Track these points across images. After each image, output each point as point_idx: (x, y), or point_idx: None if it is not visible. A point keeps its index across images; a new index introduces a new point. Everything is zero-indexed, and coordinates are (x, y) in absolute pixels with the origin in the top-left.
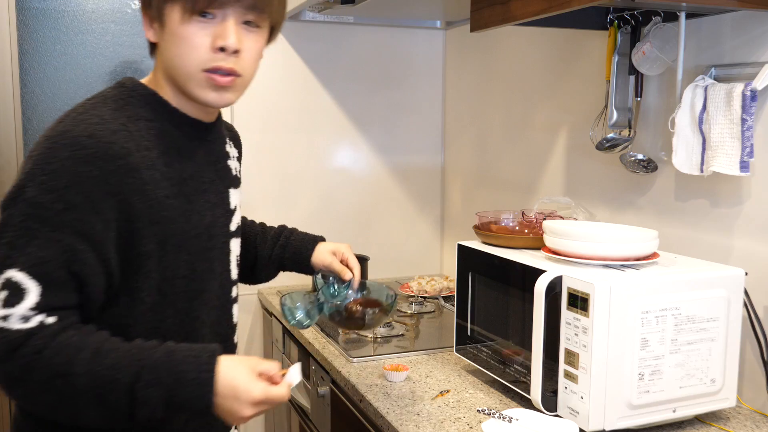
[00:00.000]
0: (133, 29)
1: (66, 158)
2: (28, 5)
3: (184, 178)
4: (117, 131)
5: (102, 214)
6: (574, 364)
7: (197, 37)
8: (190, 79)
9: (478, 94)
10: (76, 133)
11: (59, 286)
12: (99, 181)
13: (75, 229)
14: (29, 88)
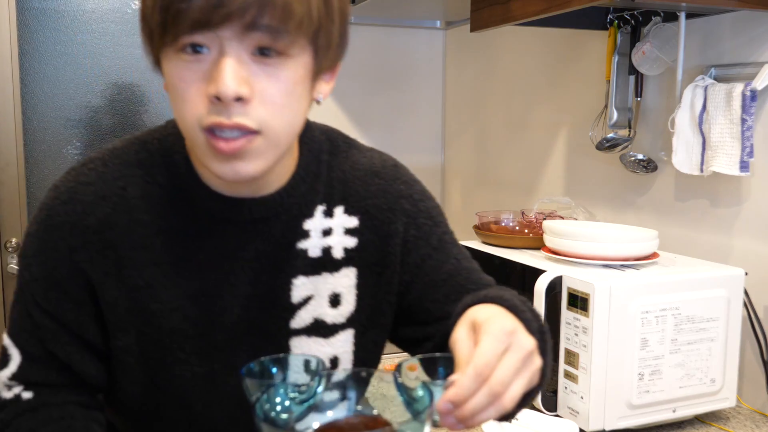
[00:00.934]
0: (133, 29)
1: (40, 222)
2: (28, 5)
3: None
4: (106, 197)
5: (69, 293)
6: (574, 364)
7: (186, 84)
8: (196, 142)
9: (478, 94)
10: (59, 193)
11: (38, 360)
12: (64, 256)
13: (38, 305)
14: (29, 88)
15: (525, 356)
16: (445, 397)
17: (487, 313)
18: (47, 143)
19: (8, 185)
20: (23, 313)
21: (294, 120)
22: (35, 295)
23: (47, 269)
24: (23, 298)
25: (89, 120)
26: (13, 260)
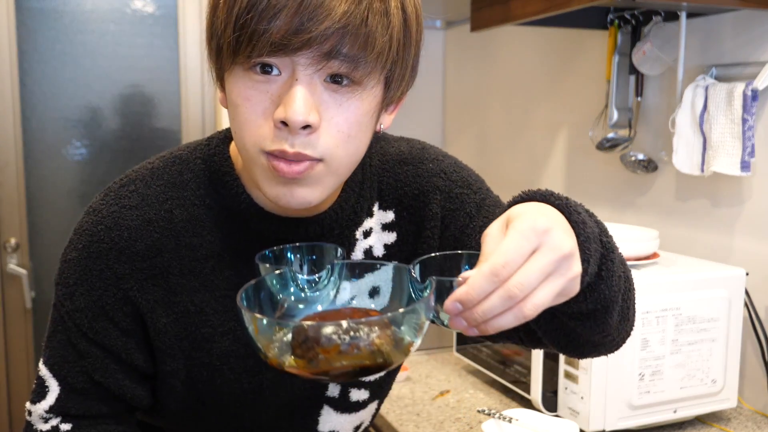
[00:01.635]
0: (133, 29)
1: (81, 249)
2: (27, 5)
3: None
4: (152, 221)
5: (116, 321)
6: (575, 364)
7: (251, 103)
8: (253, 164)
9: (478, 94)
10: (101, 217)
11: (80, 392)
12: (111, 285)
13: (86, 335)
14: (29, 88)
15: (558, 259)
16: (454, 295)
17: (527, 207)
18: (46, 143)
19: (7, 185)
20: (65, 343)
21: (358, 150)
22: (81, 326)
23: (93, 298)
24: (64, 327)
25: (88, 120)
26: (12, 260)
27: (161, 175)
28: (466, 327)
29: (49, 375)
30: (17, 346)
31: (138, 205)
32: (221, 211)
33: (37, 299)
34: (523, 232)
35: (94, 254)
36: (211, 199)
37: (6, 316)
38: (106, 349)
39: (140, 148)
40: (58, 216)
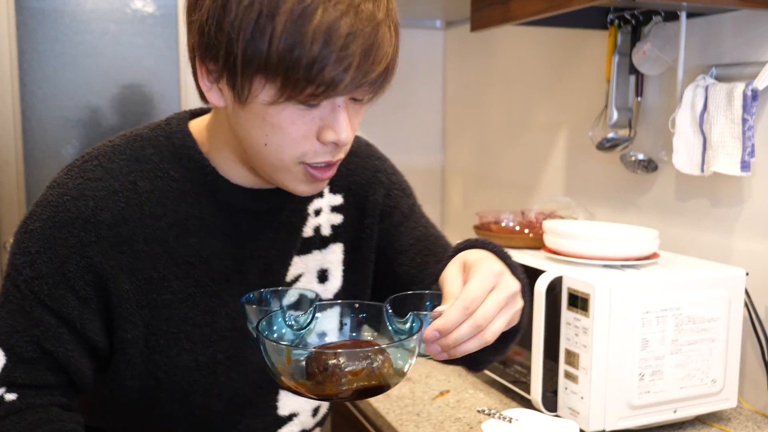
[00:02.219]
0: (133, 29)
1: (45, 219)
2: (27, 5)
3: (200, 258)
4: (117, 192)
5: (76, 289)
6: (575, 364)
7: (297, 127)
8: (280, 169)
9: (478, 94)
10: (65, 190)
11: (27, 360)
12: (74, 252)
13: (42, 302)
14: (29, 88)
15: (509, 296)
16: (433, 325)
17: (478, 255)
18: (46, 143)
19: (7, 185)
20: (15, 313)
21: None
22: (39, 293)
23: (55, 265)
24: (19, 296)
25: (88, 120)
26: None
27: (123, 151)
28: (438, 351)
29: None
30: None
31: (102, 177)
32: (185, 183)
33: None
34: (485, 275)
35: (59, 223)
36: (175, 172)
37: None
38: (61, 318)
39: None
40: None
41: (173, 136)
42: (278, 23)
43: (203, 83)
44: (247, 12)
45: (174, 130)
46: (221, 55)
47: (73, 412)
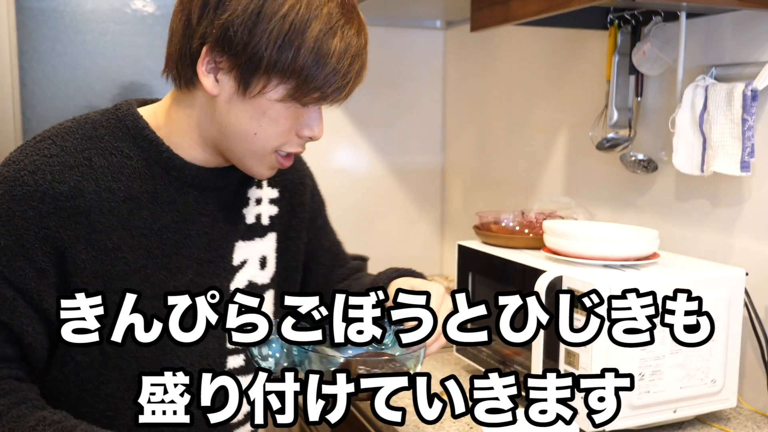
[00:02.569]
0: (133, 29)
1: (2, 193)
2: (27, 5)
3: (152, 230)
4: (73, 167)
5: (34, 260)
6: (575, 364)
7: (287, 122)
8: (250, 155)
9: (478, 94)
10: (22, 165)
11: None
12: (33, 224)
13: (1, 274)
14: (29, 88)
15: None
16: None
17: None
18: None
19: None
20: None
21: None
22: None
23: (13, 237)
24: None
25: None
26: None
27: (76, 131)
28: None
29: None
30: None
31: (58, 153)
32: (139, 160)
33: None
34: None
35: (17, 197)
36: (129, 150)
37: None
38: (18, 290)
39: None
40: None
41: (125, 118)
42: (307, 38)
43: (201, 69)
44: (282, 24)
45: (125, 113)
46: (243, 53)
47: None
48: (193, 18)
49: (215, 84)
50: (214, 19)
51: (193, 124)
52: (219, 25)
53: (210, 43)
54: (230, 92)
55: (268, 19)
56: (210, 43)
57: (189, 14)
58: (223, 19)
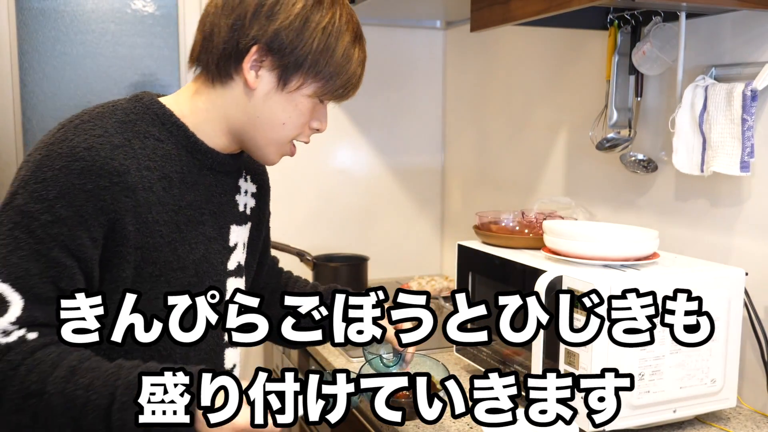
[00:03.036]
0: (133, 29)
1: (60, 168)
2: (28, 5)
3: (180, 206)
4: (118, 146)
5: (91, 230)
6: (575, 364)
7: (308, 115)
8: (272, 143)
9: (478, 94)
10: (74, 143)
11: (44, 301)
12: (91, 196)
13: (62, 243)
14: (29, 88)
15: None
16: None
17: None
18: None
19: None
20: (29, 258)
21: None
22: (58, 236)
23: (74, 208)
24: (34, 241)
25: None
26: None
27: (111, 116)
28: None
29: (9, 290)
30: None
31: (103, 134)
32: (168, 144)
33: None
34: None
35: (75, 171)
36: (160, 134)
37: None
38: (77, 258)
39: None
40: None
41: (152, 106)
42: (339, 47)
43: (246, 65)
44: (322, 33)
45: (150, 102)
46: (289, 55)
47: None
48: (246, 21)
49: (256, 79)
50: (267, 24)
51: (221, 113)
52: (272, 30)
53: (261, 44)
54: (269, 87)
55: (312, 28)
56: (261, 44)
57: (239, 17)
58: (276, 25)
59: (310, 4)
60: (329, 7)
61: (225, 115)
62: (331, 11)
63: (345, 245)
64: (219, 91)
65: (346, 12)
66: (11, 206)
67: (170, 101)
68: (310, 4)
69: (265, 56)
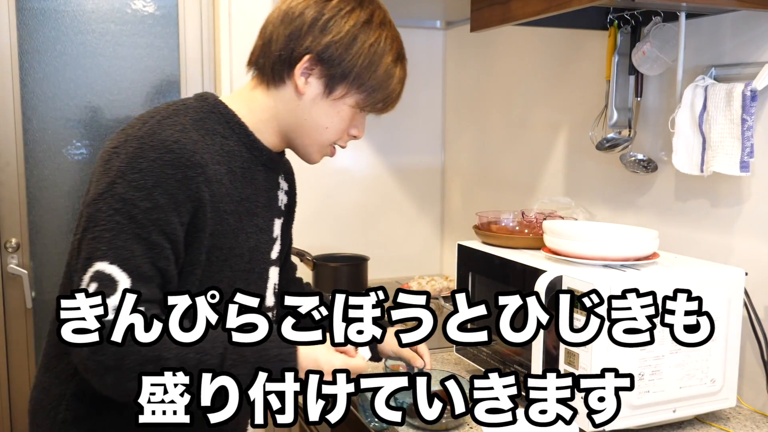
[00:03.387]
0: (133, 29)
1: (154, 159)
2: (28, 5)
3: (241, 198)
4: (197, 142)
5: (181, 216)
6: (574, 364)
7: (349, 120)
8: (315, 144)
9: (478, 94)
10: (164, 137)
11: (147, 279)
12: (182, 185)
13: (160, 228)
14: (29, 88)
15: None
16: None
17: None
18: (47, 143)
19: (8, 185)
20: (132, 240)
21: None
22: (157, 221)
23: (169, 195)
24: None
25: (89, 120)
26: (12, 260)
27: (185, 113)
28: None
29: (117, 270)
30: (18, 346)
31: (183, 130)
32: (231, 141)
33: (37, 299)
34: None
35: (168, 162)
36: (225, 132)
37: (6, 316)
38: (171, 241)
39: None
40: (58, 216)
41: (217, 107)
42: (383, 64)
43: (297, 72)
44: (368, 51)
45: (215, 102)
46: (337, 66)
47: None
48: (302, 32)
49: (305, 84)
50: (320, 37)
51: (273, 114)
52: (324, 43)
53: (313, 54)
54: (316, 93)
55: (360, 44)
56: (313, 54)
57: (296, 28)
58: (327, 39)
59: (360, 24)
60: (377, 28)
61: (276, 116)
62: (378, 32)
63: (345, 245)
64: (272, 94)
65: (391, 34)
66: (110, 194)
67: (230, 101)
68: (360, 24)
69: (315, 65)
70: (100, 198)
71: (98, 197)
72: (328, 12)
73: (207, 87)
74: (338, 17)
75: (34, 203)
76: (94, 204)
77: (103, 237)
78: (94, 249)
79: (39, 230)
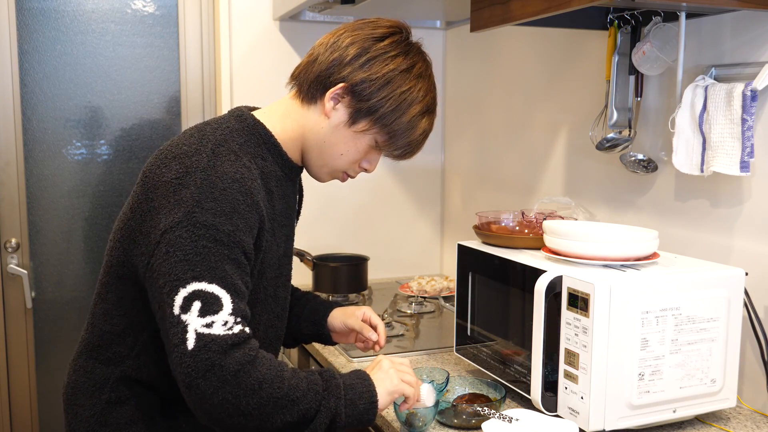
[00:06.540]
0: (133, 29)
1: (224, 189)
2: (28, 5)
3: (275, 215)
4: (249, 168)
5: (252, 237)
6: (574, 364)
7: (361, 153)
8: (327, 167)
9: (478, 94)
10: (225, 169)
11: (241, 295)
12: (251, 210)
13: (242, 248)
14: (29, 88)
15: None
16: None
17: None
18: (47, 143)
19: (8, 185)
20: (223, 260)
21: None
22: (240, 242)
23: (244, 220)
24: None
25: (88, 120)
26: (12, 260)
27: (232, 140)
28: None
29: (218, 288)
30: (18, 346)
31: (236, 159)
32: (269, 162)
33: (37, 299)
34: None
35: (239, 190)
36: (263, 153)
37: (6, 316)
38: (248, 259)
39: (140, 148)
40: (58, 216)
41: (256, 127)
42: (408, 114)
43: (330, 94)
44: (399, 96)
45: (254, 123)
46: (365, 101)
47: None
48: (343, 62)
49: (332, 110)
50: (359, 70)
51: (302, 132)
52: (360, 77)
53: (347, 83)
54: (340, 120)
55: (392, 88)
56: (347, 83)
57: (339, 57)
58: (363, 75)
59: (399, 70)
60: (414, 78)
61: (303, 133)
62: (414, 82)
63: (345, 245)
64: (304, 112)
65: (425, 87)
66: (190, 222)
67: (265, 118)
68: (399, 71)
69: (345, 94)
70: (178, 226)
71: (175, 225)
72: (372, 51)
73: (207, 87)
74: (380, 59)
75: (34, 203)
76: (171, 231)
77: (193, 260)
78: (184, 270)
79: (39, 230)
